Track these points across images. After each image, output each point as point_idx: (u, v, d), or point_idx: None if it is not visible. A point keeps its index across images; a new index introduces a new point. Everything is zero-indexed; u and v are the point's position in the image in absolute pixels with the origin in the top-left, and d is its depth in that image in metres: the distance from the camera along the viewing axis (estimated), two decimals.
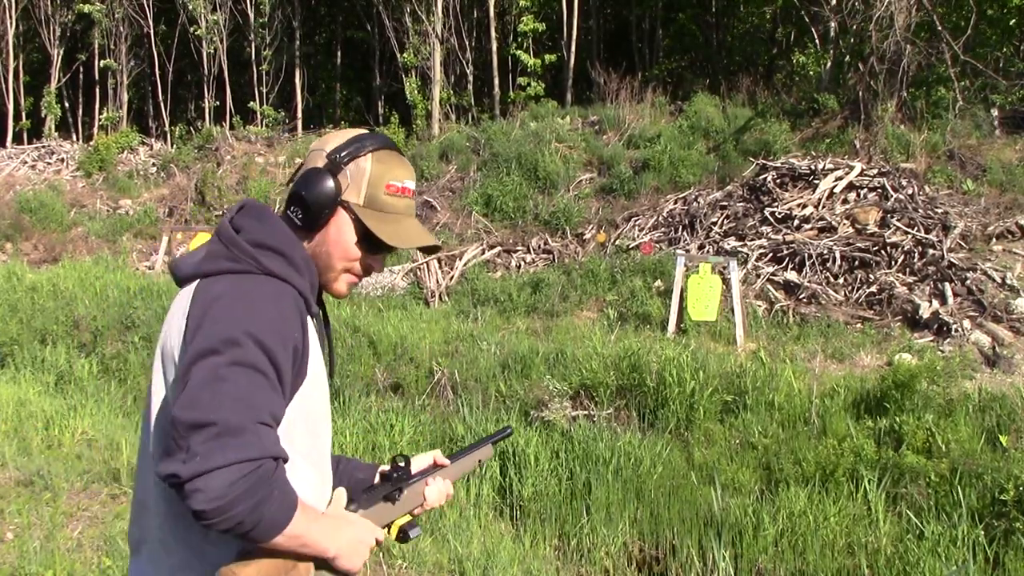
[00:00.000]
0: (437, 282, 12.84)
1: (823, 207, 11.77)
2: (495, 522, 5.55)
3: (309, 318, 1.50)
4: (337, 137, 1.59)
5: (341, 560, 1.44)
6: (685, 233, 12.62)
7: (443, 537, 4.94)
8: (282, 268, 1.46)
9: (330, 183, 1.53)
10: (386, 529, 1.66)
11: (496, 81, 21.10)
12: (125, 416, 7.49)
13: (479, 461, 1.95)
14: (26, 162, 21.00)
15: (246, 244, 1.45)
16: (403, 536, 1.67)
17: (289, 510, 1.33)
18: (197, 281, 1.46)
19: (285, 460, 1.34)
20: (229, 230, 1.50)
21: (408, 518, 1.71)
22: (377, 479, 1.78)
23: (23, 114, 24.69)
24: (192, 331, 1.36)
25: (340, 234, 1.55)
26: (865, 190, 11.88)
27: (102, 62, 24.58)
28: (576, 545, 5.36)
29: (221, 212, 17.92)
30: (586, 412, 6.81)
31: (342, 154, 1.55)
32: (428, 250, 1.67)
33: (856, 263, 10.67)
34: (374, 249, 1.58)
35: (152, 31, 23.67)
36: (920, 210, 11.13)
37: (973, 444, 5.70)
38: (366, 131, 1.63)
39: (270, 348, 1.34)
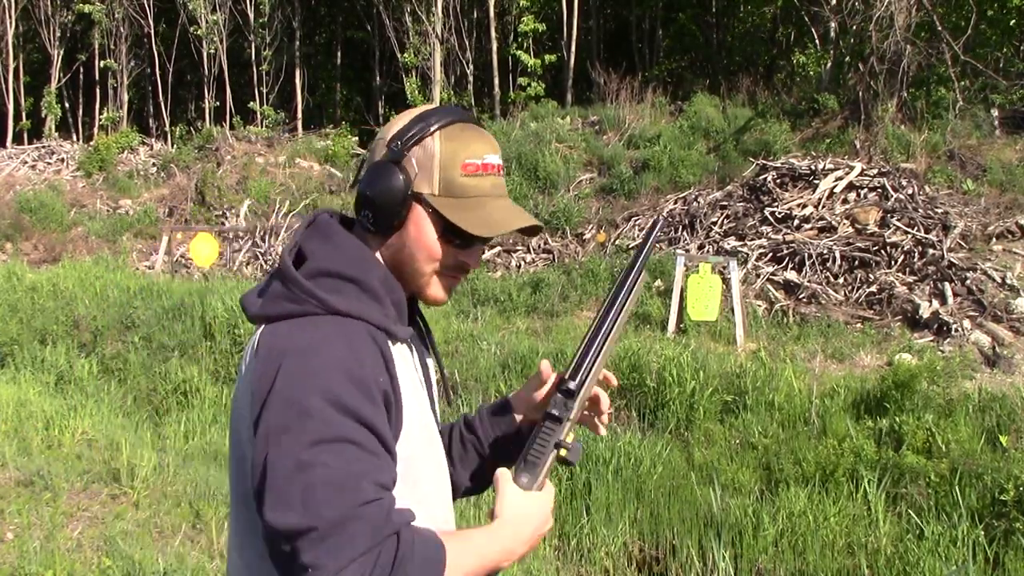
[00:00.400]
0: None
1: (823, 207, 11.78)
2: None
3: (399, 346, 1.31)
4: (399, 120, 1.34)
5: (523, 552, 1.28)
6: (685, 233, 12.62)
7: None
8: (351, 302, 1.24)
9: (397, 175, 1.28)
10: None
11: (496, 81, 21.10)
12: (125, 416, 7.50)
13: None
14: (26, 162, 21.00)
15: (305, 281, 1.24)
16: (567, 462, 1.39)
17: (437, 564, 1.15)
18: (262, 327, 1.26)
19: (411, 520, 1.17)
20: (287, 263, 1.28)
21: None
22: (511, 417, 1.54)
23: (23, 114, 24.71)
24: (259, 397, 1.17)
25: (420, 232, 1.30)
26: (865, 190, 11.88)
27: (102, 62, 24.59)
28: (576, 545, 5.36)
29: (221, 212, 17.93)
30: (586, 412, 6.80)
31: (405, 138, 1.29)
32: (528, 231, 1.39)
33: (856, 263, 10.67)
34: (463, 243, 1.32)
35: (152, 31, 23.68)
36: (920, 210, 11.13)
37: (973, 444, 5.70)
38: (432, 106, 1.37)
39: (354, 408, 1.14)
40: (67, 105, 26.62)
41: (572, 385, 1.40)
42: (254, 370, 1.20)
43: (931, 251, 10.31)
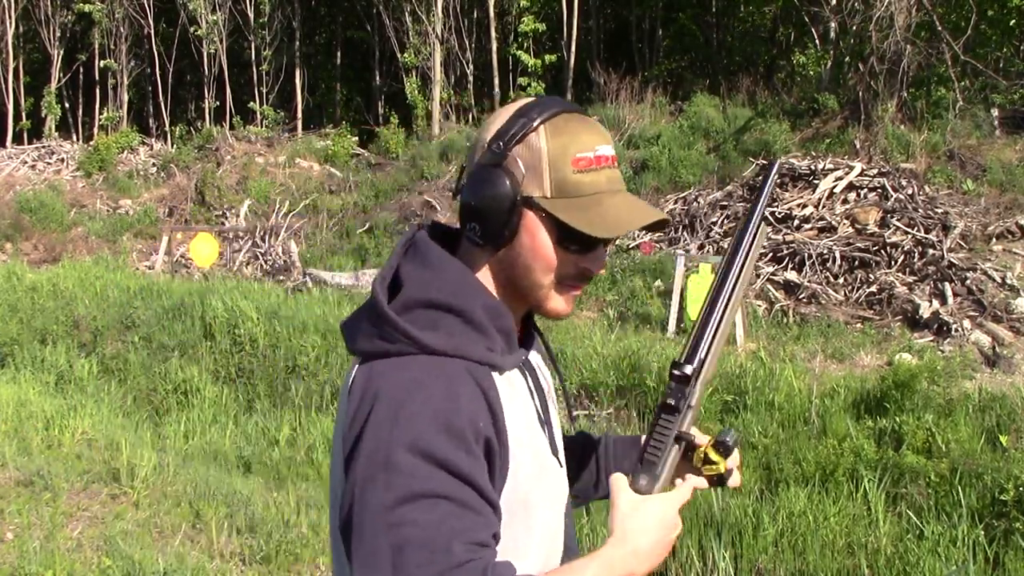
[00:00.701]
0: None
1: (823, 207, 11.78)
2: None
3: (507, 374, 1.19)
4: (498, 117, 1.20)
5: (649, 568, 1.15)
6: (685, 233, 12.62)
7: None
8: (450, 339, 1.13)
9: (502, 180, 1.14)
10: (680, 479, 1.22)
11: (496, 81, 21.11)
12: (125, 416, 7.50)
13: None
14: (26, 162, 21.01)
15: (397, 318, 1.13)
16: (724, 449, 1.23)
17: None
18: (357, 365, 1.17)
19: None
20: (377, 294, 1.17)
21: (705, 437, 1.26)
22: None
23: (23, 114, 24.71)
24: (349, 442, 1.10)
25: (535, 240, 1.16)
26: (865, 190, 11.88)
27: (102, 62, 24.59)
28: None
29: (221, 212, 17.94)
30: (586, 412, 6.81)
31: (507, 137, 1.15)
32: (654, 227, 1.24)
33: (856, 263, 10.67)
34: (583, 247, 1.18)
35: (152, 31, 23.68)
36: (920, 210, 11.13)
37: (973, 444, 5.70)
38: (530, 99, 1.22)
39: (447, 460, 1.05)
40: (67, 105, 26.62)
41: (688, 369, 1.22)
42: (347, 412, 1.13)
43: (931, 251, 10.31)
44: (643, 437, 1.28)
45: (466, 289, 1.16)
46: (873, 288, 10.14)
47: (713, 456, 1.22)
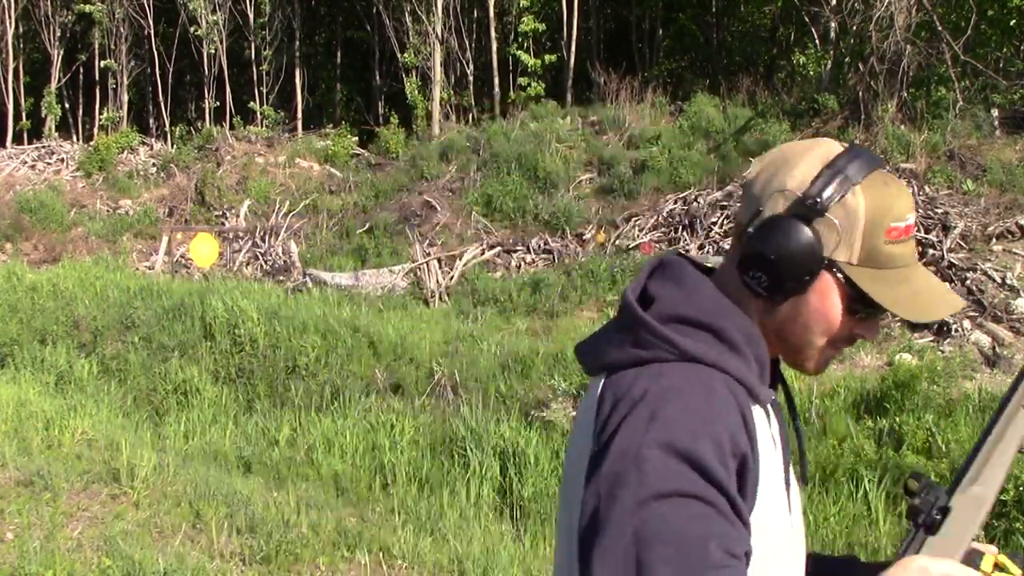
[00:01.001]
0: (437, 282, 12.84)
1: None
2: (495, 522, 5.55)
3: (758, 408, 1.10)
4: (798, 162, 1.10)
5: None
6: (685, 233, 12.62)
7: (443, 537, 4.94)
8: (710, 350, 1.07)
9: (811, 240, 1.06)
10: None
11: (496, 81, 21.10)
12: (125, 416, 7.50)
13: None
14: (26, 162, 21.00)
15: (655, 324, 1.08)
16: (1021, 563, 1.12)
17: None
18: (603, 377, 1.11)
19: None
20: (632, 305, 1.12)
21: (991, 550, 1.15)
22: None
23: (23, 114, 24.69)
24: (601, 445, 1.04)
25: (824, 303, 1.09)
26: None
27: (102, 62, 24.58)
28: None
29: (221, 212, 17.94)
30: None
31: (823, 195, 1.06)
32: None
33: None
34: (870, 315, 1.11)
35: (152, 31, 23.67)
36: (920, 210, 11.13)
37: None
38: (836, 147, 1.11)
39: (704, 465, 0.98)
40: (67, 105, 26.60)
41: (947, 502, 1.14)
42: (592, 422, 1.07)
43: (931, 251, 10.31)
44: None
45: (722, 310, 1.10)
46: None
47: (1012, 568, 1.12)
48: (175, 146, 21.81)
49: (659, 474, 0.96)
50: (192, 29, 22.97)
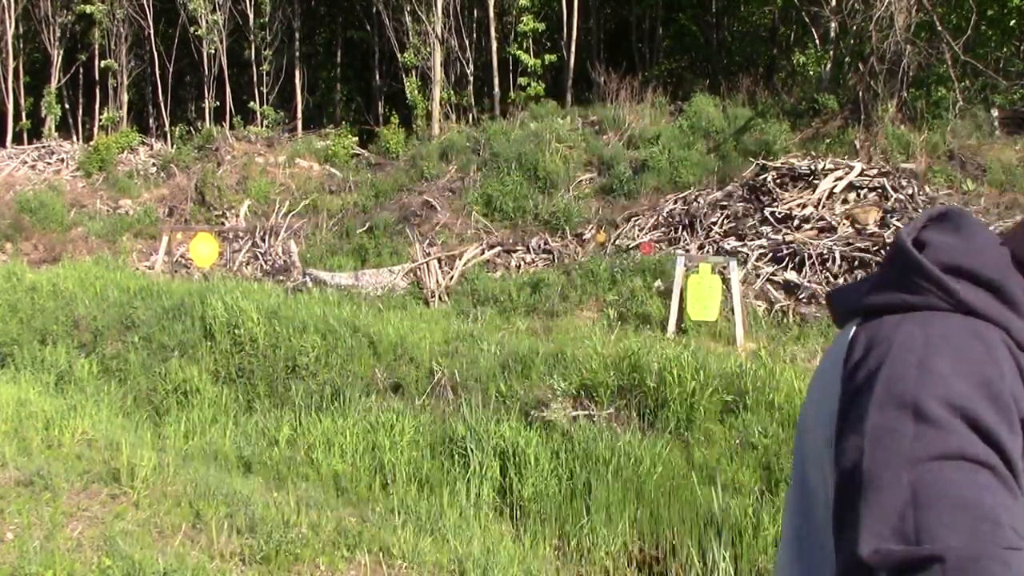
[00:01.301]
0: (437, 282, 12.84)
1: (823, 207, 11.78)
2: (495, 522, 5.56)
3: None
4: None
5: None
6: (685, 233, 12.62)
7: (443, 537, 4.94)
8: (989, 304, 0.97)
9: None
10: None
11: (496, 81, 21.10)
12: (125, 416, 7.50)
13: None
14: (26, 162, 21.00)
15: (931, 268, 0.98)
16: None
17: None
18: (857, 321, 1.02)
19: None
20: (907, 247, 1.01)
21: None
22: None
23: (23, 114, 24.69)
24: (854, 390, 0.93)
25: None
26: (865, 190, 11.88)
27: (102, 62, 24.58)
28: (576, 545, 5.36)
29: (221, 212, 17.94)
30: (586, 412, 6.81)
31: None
32: None
33: (856, 263, 10.67)
34: None
35: (152, 31, 23.67)
36: (920, 210, 11.13)
37: None
38: None
39: (987, 427, 0.86)
40: (67, 105, 26.60)
41: None
42: (840, 368, 0.97)
43: None
44: None
45: (1007, 268, 1.00)
46: None
47: None
48: (175, 146, 21.81)
49: (944, 432, 0.86)
50: (192, 29, 22.97)
